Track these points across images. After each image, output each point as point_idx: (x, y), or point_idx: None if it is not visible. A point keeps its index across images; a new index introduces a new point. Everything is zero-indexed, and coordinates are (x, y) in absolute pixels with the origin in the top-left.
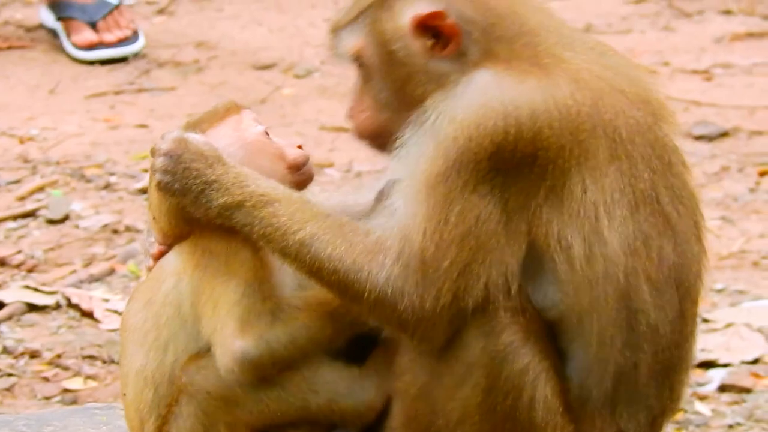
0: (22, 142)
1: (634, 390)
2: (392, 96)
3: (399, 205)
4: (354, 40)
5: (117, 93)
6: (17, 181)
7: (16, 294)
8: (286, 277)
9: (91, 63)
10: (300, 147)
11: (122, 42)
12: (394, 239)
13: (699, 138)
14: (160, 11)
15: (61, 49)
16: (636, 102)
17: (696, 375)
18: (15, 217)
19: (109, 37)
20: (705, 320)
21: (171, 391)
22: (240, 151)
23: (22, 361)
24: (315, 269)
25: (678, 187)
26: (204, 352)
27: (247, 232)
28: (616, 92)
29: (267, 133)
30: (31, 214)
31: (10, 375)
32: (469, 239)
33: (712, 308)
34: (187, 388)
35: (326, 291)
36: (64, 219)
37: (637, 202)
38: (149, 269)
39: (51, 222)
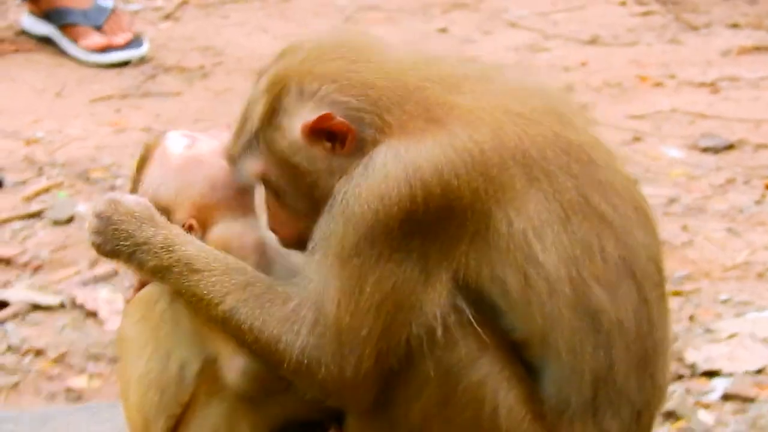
0: (28, 144)
1: (614, 390)
2: (305, 203)
3: (313, 275)
4: (255, 166)
5: (122, 97)
6: (23, 183)
7: (21, 293)
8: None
9: (103, 66)
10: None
11: (130, 44)
12: (308, 309)
13: (705, 150)
14: (166, 17)
15: (67, 53)
16: (536, 116)
17: (699, 384)
18: (21, 218)
19: (117, 40)
20: (708, 330)
21: (181, 393)
22: (175, 181)
23: (26, 359)
24: (240, 340)
25: (607, 180)
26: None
27: (180, 295)
28: (513, 117)
29: (193, 139)
30: (36, 215)
31: (14, 373)
32: (386, 305)
33: (716, 318)
34: (215, 389)
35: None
36: (70, 220)
37: (567, 213)
38: (128, 301)
39: (56, 223)
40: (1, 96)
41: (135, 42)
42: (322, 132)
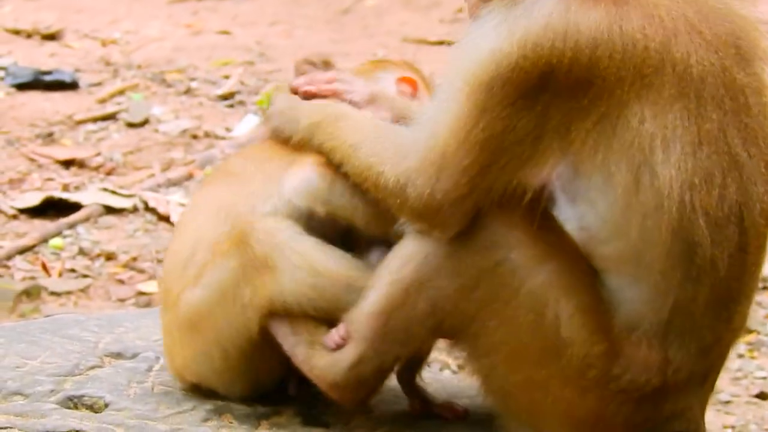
0: (104, 45)
1: (689, 321)
2: None
3: (434, 105)
4: None
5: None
6: (98, 84)
7: (94, 196)
8: None
9: None
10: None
11: None
12: (423, 132)
13: None
14: None
15: None
16: (716, 44)
17: None
18: (95, 120)
19: None
20: None
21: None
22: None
23: (98, 263)
24: (358, 173)
25: (753, 127)
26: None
27: (323, 149)
28: (693, 32)
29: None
30: (111, 117)
31: (85, 276)
32: (492, 143)
33: None
34: (241, 238)
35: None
36: (144, 123)
37: (701, 140)
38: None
39: (131, 125)
40: None
41: None
42: None
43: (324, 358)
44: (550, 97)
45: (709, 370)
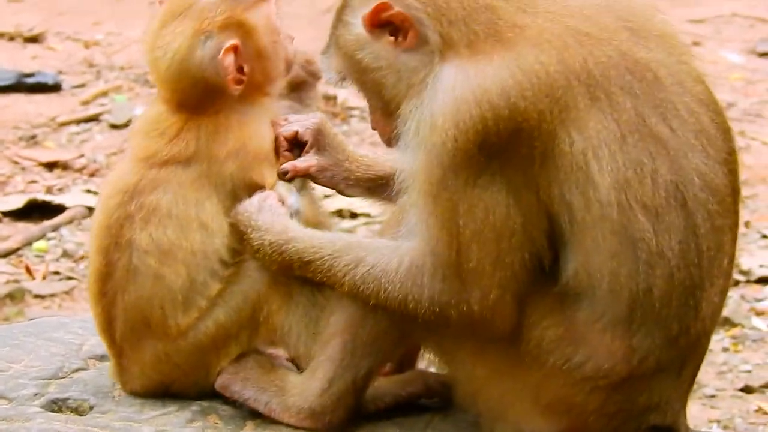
0: (87, 46)
1: (651, 312)
2: (378, 101)
3: (415, 222)
4: (333, 62)
5: None
6: (81, 86)
7: (77, 198)
8: None
9: None
10: (292, 41)
11: None
12: (423, 258)
13: (763, 55)
14: None
15: None
16: (605, 35)
17: (754, 291)
18: (78, 122)
19: None
20: (764, 236)
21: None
22: (266, 41)
23: (82, 265)
24: (374, 304)
25: (670, 100)
26: None
27: (318, 279)
28: (581, 37)
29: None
30: (94, 119)
31: (69, 278)
32: (485, 233)
33: None
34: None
35: None
36: (127, 124)
37: (623, 133)
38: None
39: (114, 127)
40: None
41: None
42: (383, 24)
43: (294, 393)
44: (499, 162)
45: (684, 360)
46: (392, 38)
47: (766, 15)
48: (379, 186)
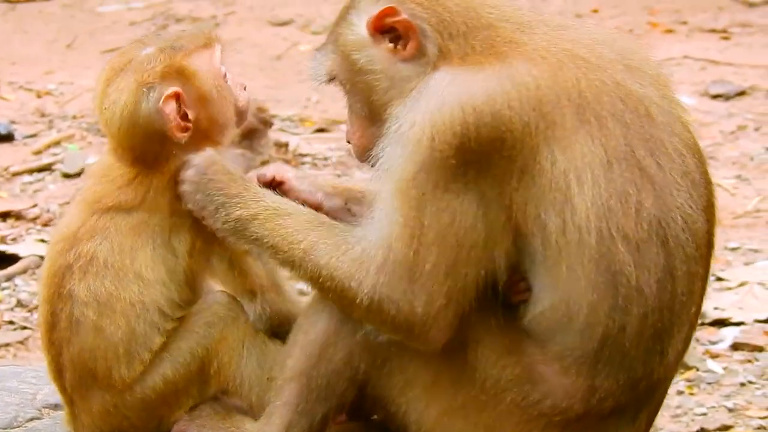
0: (39, 96)
1: (619, 352)
2: (365, 106)
3: (378, 213)
4: (326, 62)
5: None
6: (34, 135)
7: (31, 248)
8: None
9: None
10: (245, 88)
11: None
12: (377, 249)
13: (716, 97)
14: None
15: (81, 2)
16: (601, 63)
17: (708, 333)
18: (31, 171)
19: None
20: (719, 278)
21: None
22: (209, 86)
23: (36, 315)
24: (314, 278)
25: (659, 138)
26: None
27: (258, 244)
28: (576, 60)
29: (225, 75)
30: (47, 169)
31: (24, 328)
32: (447, 239)
33: (726, 267)
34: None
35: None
36: (80, 173)
37: (609, 160)
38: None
39: (67, 176)
40: (14, 47)
41: None
42: (387, 29)
43: None
44: (475, 171)
45: (641, 404)
46: (392, 45)
47: (717, 57)
48: (356, 201)
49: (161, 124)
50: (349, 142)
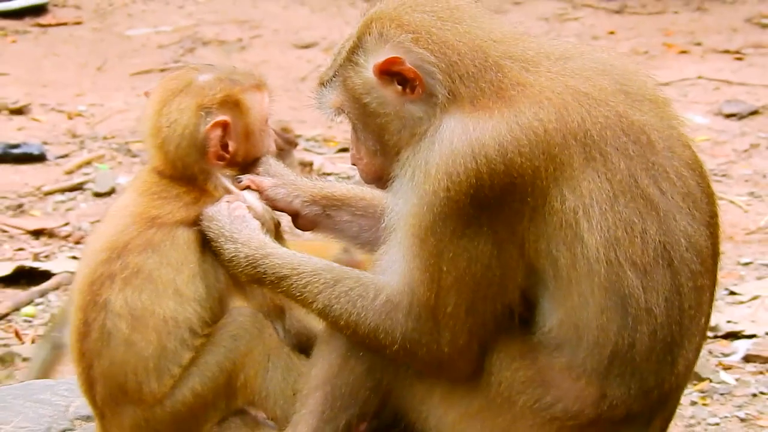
0: (70, 117)
1: (629, 365)
2: (376, 144)
3: (398, 261)
4: (333, 97)
5: (162, 70)
6: (65, 156)
7: (63, 264)
8: None
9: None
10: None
11: None
12: (401, 296)
13: (729, 116)
14: None
15: (110, 26)
16: (603, 96)
17: (721, 346)
18: (63, 191)
19: None
20: (731, 293)
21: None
22: (256, 124)
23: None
24: (339, 329)
25: (661, 164)
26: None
27: (289, 297)
28: (580, 97)
29: (268, 120)
30: (78, 188)
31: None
32: (465, 281)
33: (738, 281)
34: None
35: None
36: (111, 192)
37: (615, 193)
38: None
39: (97, 195)
40: (45, 70)
41: None
42: (394, 74)
43: None
44: (488, 214)
45: (653, 412)
46: (400, 88)
47: (730, 77)
48: (335, 207)
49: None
50: (354, 165)
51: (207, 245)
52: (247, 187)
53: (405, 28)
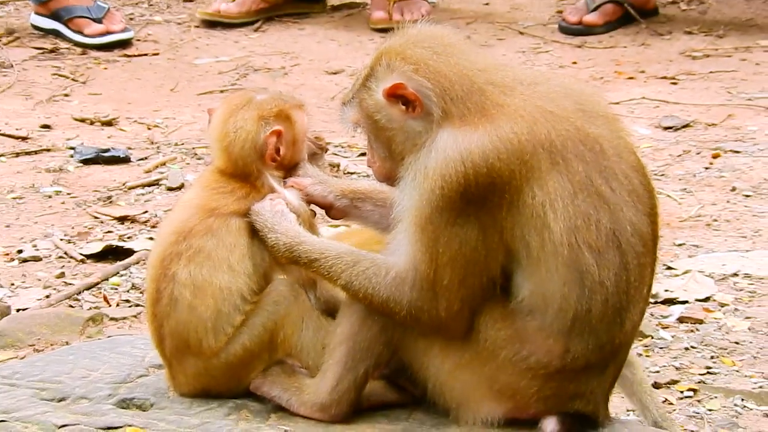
0: (149, 128)
1: (587, 326)
2: (386, 151)
3: (404, 244)
4: (352, 114)
5: (222, 91)
6: (145, 158)
7: (142, 243)
8: None
9: (102, 46)
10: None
11: (123, 30)
12: (406, 273)
13: (667, 128)
14: (256, 29)
15: (181, 57)
16: (565, 114)
17: (660, 310)
18: (143, 186)
19: (114, 27)
20: (668, 267)
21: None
22: (300, 135)
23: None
24: (358, 300)
25: (611, 167)
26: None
27: (319, 276)
28: (546, 115)
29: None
30: (155, 184)
31: (137, 305)
32: (458, 260)
33: (674, 258)
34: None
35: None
36: (180, 187)
37: (574, 191)
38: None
39: (170, 189)
40: (130, 91)
41: (126, 30)
42: (398, 97)
43: (308, 392)
44: (474, 207)
45: (607, 362)
46: (404, 107)
47: (667, 98)
48: (360, 200)
49: (264, 151)
50: (369, 167)
51: (255, 232)
52: (290, 187)
53: (408, 60)
